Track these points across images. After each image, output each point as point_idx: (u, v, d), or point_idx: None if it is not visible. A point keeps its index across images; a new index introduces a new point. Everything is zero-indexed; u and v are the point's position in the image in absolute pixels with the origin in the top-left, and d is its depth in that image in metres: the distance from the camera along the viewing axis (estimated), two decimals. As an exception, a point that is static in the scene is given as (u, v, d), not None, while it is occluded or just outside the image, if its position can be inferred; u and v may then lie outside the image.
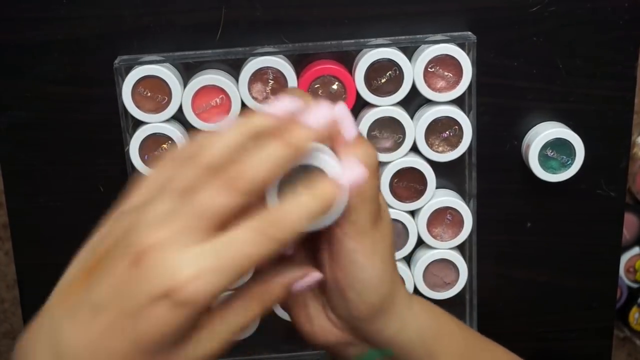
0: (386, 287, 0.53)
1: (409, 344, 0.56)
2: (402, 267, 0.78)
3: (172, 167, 0.46)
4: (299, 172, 0.46)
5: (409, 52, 0.73)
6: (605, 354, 0.86)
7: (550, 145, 0.75)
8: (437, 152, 0.75)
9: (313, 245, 0.53)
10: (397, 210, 0.76)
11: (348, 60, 0.73)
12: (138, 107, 0.72)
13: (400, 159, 0.75)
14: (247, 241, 0.42)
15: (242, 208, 0.43)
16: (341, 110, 0.48)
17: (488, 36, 0.74)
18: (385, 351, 0.57)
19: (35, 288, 0.80)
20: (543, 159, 0.75)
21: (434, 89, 0.73)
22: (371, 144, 0.50)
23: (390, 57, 0.72)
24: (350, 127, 0.49)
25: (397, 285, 0.55)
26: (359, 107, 0.74)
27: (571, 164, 0.76)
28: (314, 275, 0.50)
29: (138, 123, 0.73)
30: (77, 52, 0.73)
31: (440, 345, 0.58)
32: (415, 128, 0.74)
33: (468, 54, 0.72)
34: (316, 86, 0.72)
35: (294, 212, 0.44)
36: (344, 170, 0.47)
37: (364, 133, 0.73)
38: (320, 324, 0.55)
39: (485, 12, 0.73)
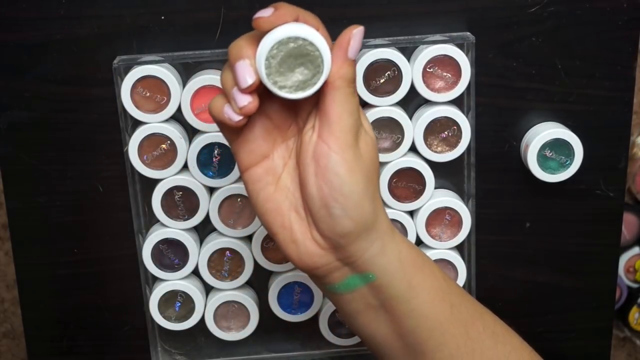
0: (368, 205, 0.58)
1: (389, 269, 0.60)
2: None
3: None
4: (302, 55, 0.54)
5: (408, 52, 0.73)
6: (605, 354, 0.86)
7: (549, 146, 0.75)
8: (435, 152, 0.75)
9: (301, 161, 0.58)
10: (396, 210, 0.76)
11: (347, 61, 0.73)
12: (137, 107, 0.72)
13: (399, 159, 0.75)
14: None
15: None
16: (358, 31, 0.56)
17: (487, 36, 0.74)
18: (367, 276, 0.60)
19: (35, 288, 0.80)
20: (542, 159, 0.76)
21: (432, 89, 0.73)
22: (354, 69, 0.56)
23: (389, 58, 0.72)
24: (353, 49, 0.56)
25: (379, 207, 0.59)
26: (357, 107, 0.74)
27: (570, 164, 0.76)
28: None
29: (137, 123, 0.73)
30: (76, 52, 0.73)
31: (420, 279, 0.61)
32: (414, 128, 0.74)
33: (467, 55, 0.72)
34: (315, 86, 0.72)
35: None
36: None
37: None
38: (305, 245, 0.58)
39: (484, 13, 0.73)
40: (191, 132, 0.75)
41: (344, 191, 0.56)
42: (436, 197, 0.76)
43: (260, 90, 0.55)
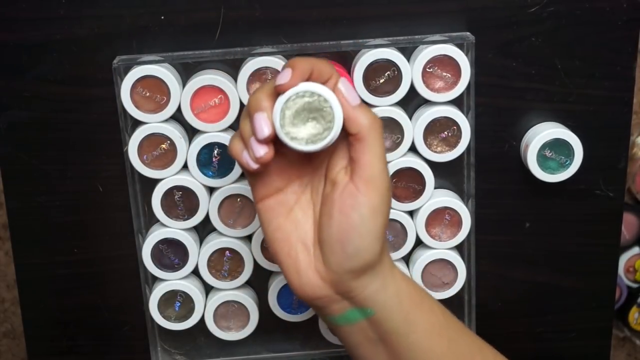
0: (378, 246, 0.60)
1: (388, 305, 0.62)
2: (400, 267, 0.78)
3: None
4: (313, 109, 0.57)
5: (408, 52, 0.73)
6: (605, 354, 0.86)
7: (549, 146, 0.75)
8: (435, 152, 0.75)
9: (329, 196, 0.60)
10: (396, 210, 0.76)
11: (346, 61, 0.74)
12: (137, 107, 0.72)
13: (398, 159, 0.75)
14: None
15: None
16: (342, 82, 0.58)
17: (486, 36, 0.74)
18: (366, 311, 0.62)
19: (35, 288, 0.80)
20: (541, 159, 0.76)
21: (432, 90, 0.73)
22: (371, 110, 0.59)
23: (389, 58, 0.72)
24: (349, 96, 0.58)
25: (385, 247, 0.62)
26: (357, 107, 0.74)
27: (570, 164, 0.76)
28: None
29: (137, 123, 0.73)
30: (76, 52, 0.73)
31: (418, 314, 0.63)
32: (414, 128, 0.74)
33: (466, 55, 0.72)
34: (315, 86, 0.72)
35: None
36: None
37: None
38: (308, 276, 0.61)
39: (483, 13, 0.73)
40: (191, 132, 0.75)
41: (362, 231, 0.59)
42: (436, 197, 0.76)
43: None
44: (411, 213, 0.77)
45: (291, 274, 0.62)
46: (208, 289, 0.80)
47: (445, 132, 0.74)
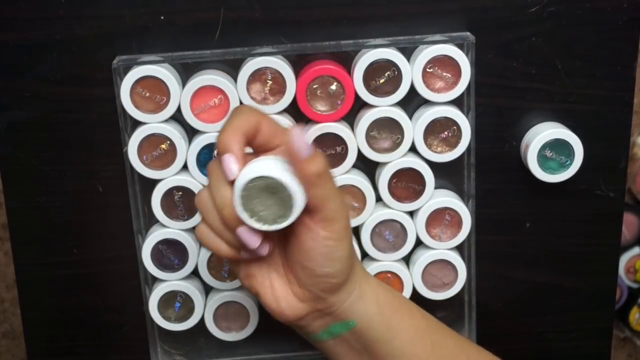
0: (350, 263, 0.62)
1: (368, 313, 0.63)
2: (400, 267, 0.78)
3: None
4: (272, 188, 0.58)
5: (408, 52, 0.73)
6: (605, 354, 0.86)
7: (549, 146, 0.75)
8: (435, 152, 0.75)
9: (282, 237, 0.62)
10: (396, 210, 0.76)
11: (347, 61, 0.73)
12: (137, 107, 0.72)
13: (398, 160, 0.75)
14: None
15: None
16: (295, 131, 0.57)
17: (487, 36, 0.74)
18: (348, 323, 0.63)
19: (34, 288, 0.80)
20: (542, 159, 0.75)
21: (432, 90, 0.73)
22: (321, 154, 0.58)
23: (389, 58, 0.72)
24: (304, 148, 0.57)
25: (356, 258, 0.64)
26: (357, 107, 0.74)
27: (570, 164, 0.76)
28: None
29: (137, 123, 0.73)
30: (75, 52, 0.73)
31: (399, 319, 0.64)
32: (414, 128, 0.74)
33: (467, 55, 0.72)
34: (315, 86, 0.72)
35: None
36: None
37: (363, 133, 0.73)
38: (287, 300, 0.62)
39: (483, 13, 0.73)
40: (191, 133, 0.75)
41: (331, 257, 0.60)
42: (436, 198, 0.76)
43: None
44: (411, 213, 0.77)
45: (270, 301, 0.62)
46: (208, 289, 0.80)
47: (446, 132, 0.74)
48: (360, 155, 0.74)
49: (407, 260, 0.80)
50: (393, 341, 0.64)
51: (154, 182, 0.75)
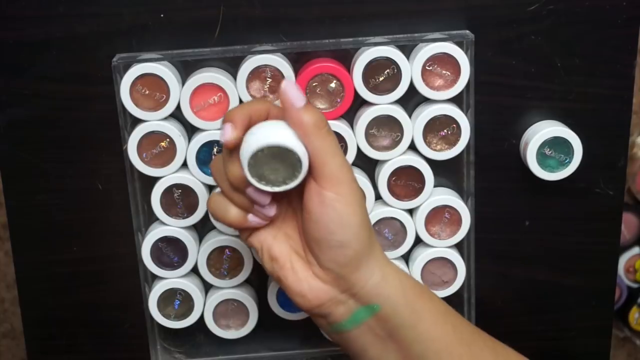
0: (365, 234, 0.61)
1: (393, 297, 0.62)
2: (400, 265, 0.78)
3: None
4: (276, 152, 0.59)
5: (407, 50, 0.73)
6: (604, 353, 0.86)
7: (549, 144, 0.75)
8: (435, 150, 0.75)
9: (305, 206, 0.61)
10: (395, 208, 0.76)
11: (346, 59, 0.73)
12: (136, 105, 0.72)
13: (398, 157, 0.75)
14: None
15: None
16: (286, 83, 0.59)
17: (486, 35, 0.74)
18: (372, 307, 0.62)
19: (34, 286, 0.80)
20: (541, 157, 0.76)
21: (432, 88, 0.73)
22: (316, 109, 0.60)
23: (389, 56, 0.72)
24: (297, 98, 0.59)
25: (374, 237, 0.63)
26: (357, 105, 0.74)
27: (569, 162, 0.76)
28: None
29: (136, 121, 0.73)
30: (75, 50, 0.73)
31: (422, 303, 0.64)
32: (414, 126, 0.74)
33: (466, 53, 0.72)
34: (314, 84, 0.72)
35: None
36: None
37: (362, 131, 0.73)
38: (309, 283, 0.62)
39: (483, 11, 0.73)
40: (190, 130, 0.75)
41: (341, 223, 0.60)
42: (435, 195, 0.76)
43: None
44: (411, 211, 0.77)
45: (292, 284, 0.62)
46: (207, 287, 0.80)
47: (445, 130, 0.74)
48: (359, 153, 0.74)
49: (406, 258, 0.80)
50: (417, 326, 0.63)
51: (153, 180, 0.75)
